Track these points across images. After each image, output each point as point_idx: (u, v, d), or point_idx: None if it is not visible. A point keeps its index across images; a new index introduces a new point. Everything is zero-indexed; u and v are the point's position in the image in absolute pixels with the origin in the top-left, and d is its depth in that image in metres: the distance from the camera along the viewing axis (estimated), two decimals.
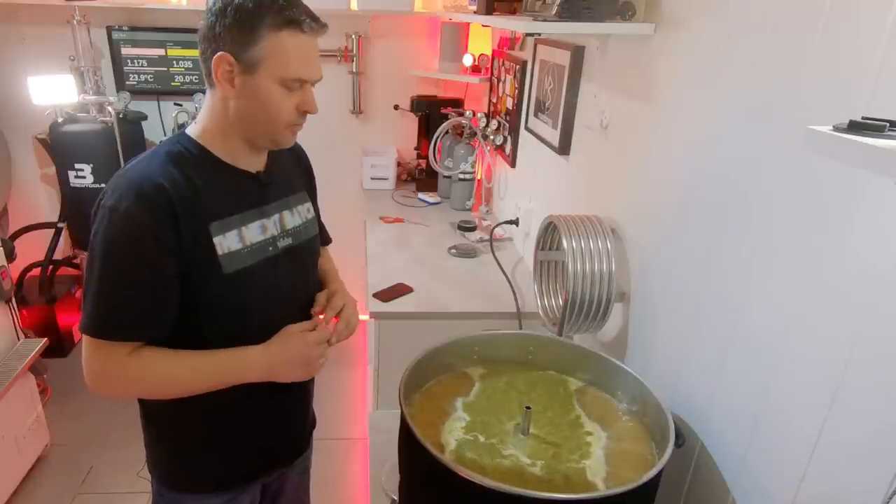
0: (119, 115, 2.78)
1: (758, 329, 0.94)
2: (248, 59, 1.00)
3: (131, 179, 1.01)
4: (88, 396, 2.98)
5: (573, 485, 0.91)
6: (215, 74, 1.02)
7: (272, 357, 1.11)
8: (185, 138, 1.09)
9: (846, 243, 0.77)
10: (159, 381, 1.07)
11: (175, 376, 1.06)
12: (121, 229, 0.98)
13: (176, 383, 1.07)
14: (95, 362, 1.03)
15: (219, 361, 1.08)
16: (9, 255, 2.60)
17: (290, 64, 1.02)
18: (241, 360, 1.09)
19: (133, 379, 1.05)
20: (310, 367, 1.15)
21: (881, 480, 0.70)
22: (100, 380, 1.04)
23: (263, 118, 1.05)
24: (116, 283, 1.01)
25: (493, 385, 1.14)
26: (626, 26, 1.32)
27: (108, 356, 1.02)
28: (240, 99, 1.04)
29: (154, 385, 1.08)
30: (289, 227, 1.18)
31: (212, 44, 1.01)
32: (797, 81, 0.86)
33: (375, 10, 2.97)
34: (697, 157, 1.12)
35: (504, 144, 2.58)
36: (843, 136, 0.54)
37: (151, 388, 1.09)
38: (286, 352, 1.12)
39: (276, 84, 1.02)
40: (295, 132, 1.12)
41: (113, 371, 1.03)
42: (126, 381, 1.06)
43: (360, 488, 2.50)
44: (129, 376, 1.05)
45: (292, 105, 1.06)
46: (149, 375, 1.06)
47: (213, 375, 1.08)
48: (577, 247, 1.33)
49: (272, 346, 1.11)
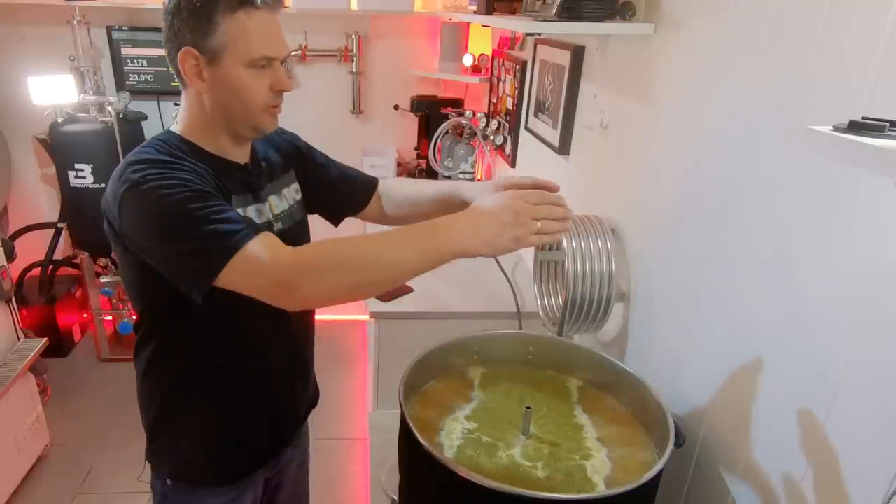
0: (119, 115, 2.78)
1: (758, 329, 0.94)
2: (211, 48, 0.99)
3: (136, 161, 0.99)
4: (88, 396, 2.99)
5: (573, 485, 0.91)
6: (184, 71, 1.01)
7: (478, 217, 0.92)
8: (171, 135, 1.08)
9: (846, 243, 0.77)
10: (361, 255, 0.91)
11: (376, 250, 0.91)
12: (156, 187, 0.94)
13: (383, 257, 0.91)
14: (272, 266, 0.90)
15: (423, 230, 0.93)
16: (9, 255, 2.61)
17: (253, 44, 1.00)
18: (448, 226, 0.92)
19: (328, 258, 0.91)
20: (521, 223, 0.91)
21: (881, 480, 0.70)
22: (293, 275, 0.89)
23: (239, 105, 1.04)
24: (195, 211, 0.93)
25: (492, 385, 1.13)
26: (626, 26, 1.32)
27: (276, 247, 0.91)
28: (212, 91, 1.03)
29: (359, 264, 0.91)
30: (277, 212, 1.18)
31: (174, 42, 1.01)
32: (797, 81, 0.86)
33: (375, 10, 2.97)
34: (697, 157, 1.12)
35: (504, 144, 2.58)
36: (843, 136, 0.54)
37: (356, 270, 0.91)
38: (492, 207, 0.93)
39: (243, 68, 1.01)
40: (274, 115, 1.09)
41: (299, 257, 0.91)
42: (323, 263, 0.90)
43: (360, 488, 2.50)
44: (320, 256, 0.91)
45: (265, 86, 1.04)
46: (345, 252, 0.91)
47: (424, 244, 0.91)
48: (577, 247, 1.33)
49: (476, 207, 0.95)
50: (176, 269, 0.96)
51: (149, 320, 1.12)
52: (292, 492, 1.44)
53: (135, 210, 0.95)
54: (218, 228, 0.92)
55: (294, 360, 1.28)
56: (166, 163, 0.98)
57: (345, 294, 0.93)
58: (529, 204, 0.92)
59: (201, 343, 1.12)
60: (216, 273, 0.91)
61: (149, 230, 0.96)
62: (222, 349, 1.13)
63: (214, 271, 0.91)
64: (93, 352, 3.30)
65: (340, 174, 1.37)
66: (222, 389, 1.16)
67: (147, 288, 1.07)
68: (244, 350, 1.15)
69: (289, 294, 0.91)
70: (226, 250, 0.91)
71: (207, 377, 1.15)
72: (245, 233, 0.92)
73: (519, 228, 0.91)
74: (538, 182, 1.16)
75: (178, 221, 0.93)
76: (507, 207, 0.91)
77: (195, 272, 0.93)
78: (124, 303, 3.22)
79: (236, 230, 0.92)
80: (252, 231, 0.93)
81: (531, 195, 0.95)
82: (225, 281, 0.92)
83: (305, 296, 0.91)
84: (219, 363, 1.14)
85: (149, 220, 0.95)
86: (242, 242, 0.91)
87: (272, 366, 1.21)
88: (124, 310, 3.23)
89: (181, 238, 0.93)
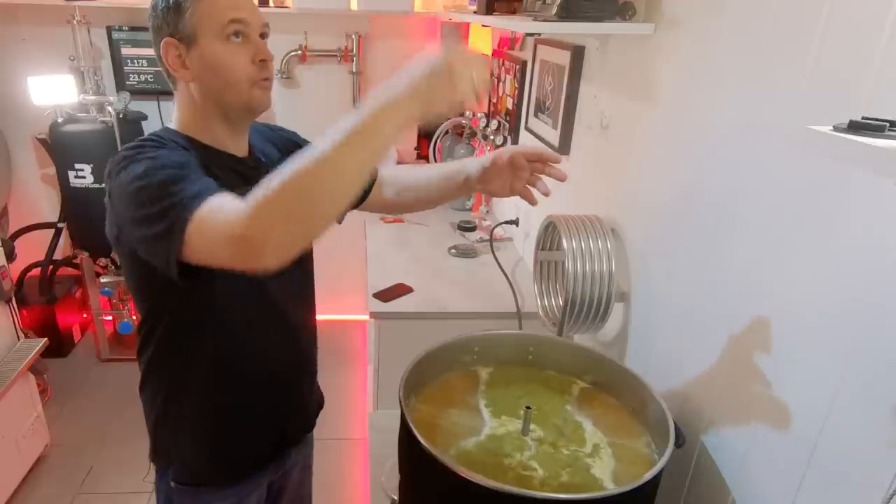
0: (119, 115, 2.78)
1: (758, 329, 0.94)
2: (185, 32, 1.01)
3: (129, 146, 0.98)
4: (88, 396, 2.99)
5: (573, 485, 0.91)
6: (168, 64, 1.03)
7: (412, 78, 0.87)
8: (169, 131, 1.08)
9: (846, 243, 0.77)
10: (302, 177, 0.82)
11: (313, 165, 0.83)
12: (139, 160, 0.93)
13: (324, 167, 0.83)
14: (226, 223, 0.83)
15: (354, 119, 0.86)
16: (9, 255, 2.61)
17: (219, 12, 1.00)
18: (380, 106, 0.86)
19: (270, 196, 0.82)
20: (456, 81, 0.86)
21: (881, 480, 0.70)
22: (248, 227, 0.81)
23: (224, 84, 1.03)
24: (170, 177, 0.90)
25: (492, 385, 1.14)
26: (626, 26, 1.32)
27: (231, 204, 0.85)
28: (197, 78, 1.03)
29: (304, 184, 0.82)
30: None
31: (157, 40, 1.03)
32: (797, 81, 0.86)
33: (375, 10, 2.96)
34: (697, 157, 1.12)
35: (504, 144, 2.58)
36: (843, 136, 0.54)
37: (304, 191, 0.83)
38: (423, 62, 0.88)
39: (218, 42, 1.01)
40: (265, 88, 1.06)
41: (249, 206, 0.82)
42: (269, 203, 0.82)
43: (360, 488, 2.50)
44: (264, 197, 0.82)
45: (246, 59, 1.03)
46: (287, 181, 0.82)
47: (358, 135, 0.85)
48: (577, 247, 1.33)
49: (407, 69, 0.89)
50: (147, 241, 0.92)
51: (151, 321, 1.12)
52: (296, 494, 1.43)
53: (121, 184, 0.94)
54: (182, 192, 0.88)
55: (298, 362, 1.27)
56: (155, 144, 0.98)
57: (305, 225, 0.84)
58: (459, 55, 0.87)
59: (204, 345, 1.12)
60: (178, 238, 0.86)
61: (130, 198, 0.92)
62: (225, 351, 1.13)
63: (177, 237, 0.86)
64: (93, 352, 3.30)
65: None
66: (226, 391, 1.16)
67: (151, 288, 1.07)
68: (248, 352, 1.15)
69: (250, 249, 0.82)
70: (185, 210, 0.86)
71: (211, 379, 1.14)
72: (204, 195, 0.88)
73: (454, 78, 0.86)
74: (542, 151, 1.16)
75: (147, 188, 0.90)
76: (439, 59, 0.87)
77: (164, 247, 0.88)
78: (124, 303, 3.22)
79: (196, 193, 0.88)
80: (206, 193, 0.88)
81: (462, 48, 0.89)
82: (191, 250, 0.87)
83: (269, 242, 0.82)
84: (222, 365, 1.14)
85: (131, 186, 0.92)
86: (195, 205, 0.86)
87: (276, 367, 1.21)
88: (124, 310, 3.23)
89: (147, 203, 0.89)
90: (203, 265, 0.89)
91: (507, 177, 1.18)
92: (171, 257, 0.89)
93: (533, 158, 1.17)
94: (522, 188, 1.19)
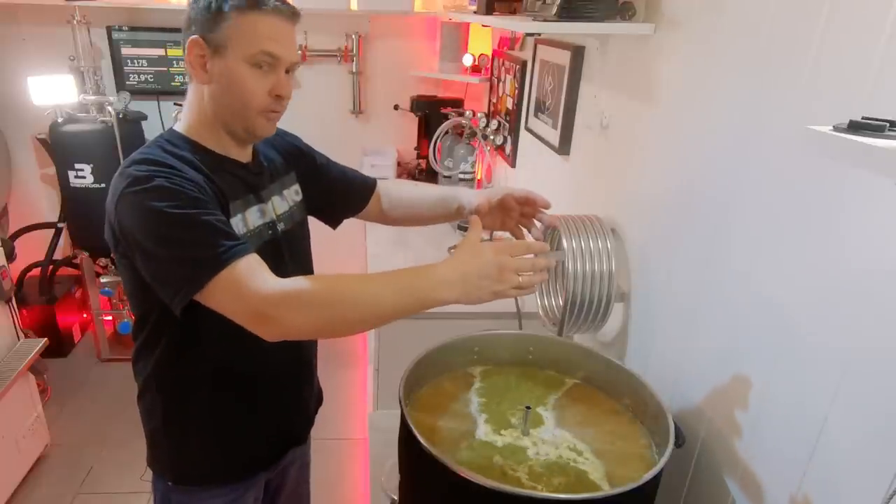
0: (119, 115, 2.78)
1: (758, 329, 0.94)
2: (216, 40, 1.00)
3: (140, 160, 0.99)
4: (88, 396, 2.99)
5: (573, 485, 0.91)
6: (189, 60, 1.02)
7: (462, 267, 0.92)
8: (174, 134, 1.08)
9: (847, 243, 0.77)
10: (342, 291, 0.90)
11: (356, 286, 0.91)
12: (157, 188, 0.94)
13: (363, 294, 0.90)
14: (255, 293, 0.88)
15: (404, 273, 0.93)
16: (9, 255, 2.61)
17: (255, 40, 1.00)
18: (429, 273, 0.91)
19: (309, 293, 0.89)
20: (503, 279, 0.92)
21: (881, 480, 0.70)
22: (273, 307, 0.88)
23: (237, 103, 1.03)
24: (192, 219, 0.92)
25: (492, 385, 1.14)
26: (626, 26, 1.32)
27: (261, 273, 0.90)
28: (214, 84, 1.03)
29: (339, 300, 0.90)
30: (279, 213, 1.19)
31: (186, 31, 1.03)
32: (797, 81, 0.86)
33: (375, 10, 2.97)
34: (697, 157, 1.12)
35: (504, 144, 2.58)
36: (843, 136, 0.55)
37: (337, 305, 0.90)
38: (475, 259, 0.92)
39: (244, 64, 1.01)
40: (271, 119, 1.08)
41: (281, 288, 0.89)
42: (304, 297, 0.89)
43: (360, 488, 2.50)
44: (302, 289, 0.89)
45: (264, 88, 1.03)
46: (327, 287, 0.90)
47: (404, 286, 0.91)
48: (577, 247, 1.33)
49: (458, 255, 0.94)
50: (163, 273, 0.95)
51: (149, 327, 1.11)
52: (294, 492, 1.44)
53: (135, 207, 0.95)
54: (213, 240, 0.92)
55: (298, 363, 1.28)
56: (172, 167, 0.98)
57: (322, 330, 0.94)
58: (513, 258, 0.93)
59: (203, 350, 1.11)
60: (202, 284, 0.90)
61: (145, 228, 0.94)
62: (224, 355, 1.12)
63: (201, 282, 0.90)
64: (93, 352, 3.30)
65: (341, 175, 1.38)
66: (226, 395, 1.16)
67: (149, 293, 1.07)
68: (247, 355, 1.14)
69: (267, 324, 0.89)
70: (217, 263, 0.90)
71: (210, 384, 1.14)
72: (237, 249, 0.92)
73: (500, 284, 0.91)
74: (530, 195, 1.23)
75: (175, 224, 0.92)
76: (491, 262, 0.91)
77: (182, 279, 0.92)
78: (124, 303, 3.22)
79: (230, 246, 0.92)
80: (245, 250, 0.93)
81: (516, 247, 0.95)
82: (207, 295, 0.91)
83: (284, 328, 0.90)
84: (222, 369, 1.14)
85: (147, 218, 0.94)
86: (234, 258, 0.91)
87: (276, 369, 1.21)
88: (124, 310, 3.23)
89: (175, 242, 0.92)
90: None
91: (499, 215, 1.28)
92: (182, 297, 0.92)
93: (522, 202, 1.26)
94: (514, 227, 1.29)
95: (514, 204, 1.26)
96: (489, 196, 1.28)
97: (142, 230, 0.94)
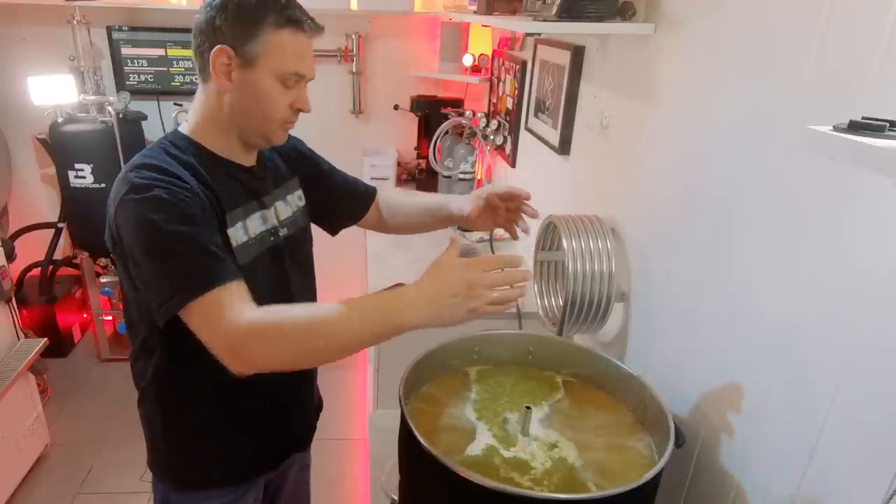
0: (119, 115, 2.78)
1: (758, 329, 0.94)
2: (248, 53, 1.01)
3: (141, 166, 0.99)
4: (88, 396, 2.99)
5: (573, 485, 0.91)
6: (213, 67, 1.02)
7: (431, 289, 0.90)
8: (178, 136, 1.08)
9: (847, 243, 0.77)
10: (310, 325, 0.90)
11: (327, 317, 0.90)
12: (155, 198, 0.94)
13: (333, 325, 0.90)
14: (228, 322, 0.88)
15: (374, 299, 0.92)
16: (9, 255, 2.61)
17: (288, 59, 1.03)
18: (399, 298, 0.90)
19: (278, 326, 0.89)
20: (475, 295, 0.89)
21: (881, 480, 0.70)
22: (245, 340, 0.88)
23: (258, 113, 1.06)
24: (185, 236, 0.94)
25: (493, 385, 1.14)
26: (626, 26, 1.32)
27: (239, 304, 0.91)
28: (236, 93, 1.04)
29: (307, 333, 0.89)
30: (283, 218, 1.19)
31: (209, 37, 1.02)
32: (797, 81, 0.86)
33: (375, 10, 2.96)
34: (697, 157, 1.12)
35: (504, 144, 2.58)
36: (843, 136, 0.54)
37: (305, 339, 0.90)
38: (443, 278, 0.90)
39: (273, 79, 1.03)
40: (287, 129, 1.12)
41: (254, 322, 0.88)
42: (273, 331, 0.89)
43: (360, 488, 2.50)
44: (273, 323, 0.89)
45: (287, 102, 1.07)
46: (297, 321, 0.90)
47: (375, 313, 0.91)
48: (577, 247, 1.33)
49: (425, 277, 0.92)
50: (151, 284, 0.96)
51: (145, 333, 1.11)
52: (294, 493, 1.44)
53: (132, 215, 0.95)
54: (204, 261, 0.94)
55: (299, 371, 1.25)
56: (173, 175, 0.98)
57: (292, 362, 0.95)
58: (485, 272, 0.90)
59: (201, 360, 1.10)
60: (187, 300, 0.91)
61: (138, 238, 0.95)
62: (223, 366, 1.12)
63: (186, 298, 0.91)
64: (93, 352, 3.30)
65: (343, 182, 1.39)
66: (226, 405, 1.16)
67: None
68: None
69: (236, 357, 0.90)
70: (204, 282, 0.92)
71: (210, 393, 1.14)
72: (225, 274, 0.93)
73: (473, 301, 0.89)
74: (512, 190, 1.28)
75: (167, 239, 0.93)
76: (459, 280, 0.89)
77: (168, 291, 0.93)
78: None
79: (215, 270, 0.93)
80: (229, 276, 0.94)
81: (488, 262, 0.92)
82: (188, 313, 0.92)
83: (253, 361, 0.90)
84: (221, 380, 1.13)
85: (142, 228, 0.94)
86: (220, 282, 0.92)
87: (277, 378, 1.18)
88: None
89: (166, 256, 0.94)
90: None
91: (489, 215, 1.32)
92: (164, 311, 0.93)
93: (505, 198, 1.30)
94: (504, 223, 1.33)
95: (498, 201, 1.30)
96: (476, 198, 1.31)
97: (135, 239, 0.95)
